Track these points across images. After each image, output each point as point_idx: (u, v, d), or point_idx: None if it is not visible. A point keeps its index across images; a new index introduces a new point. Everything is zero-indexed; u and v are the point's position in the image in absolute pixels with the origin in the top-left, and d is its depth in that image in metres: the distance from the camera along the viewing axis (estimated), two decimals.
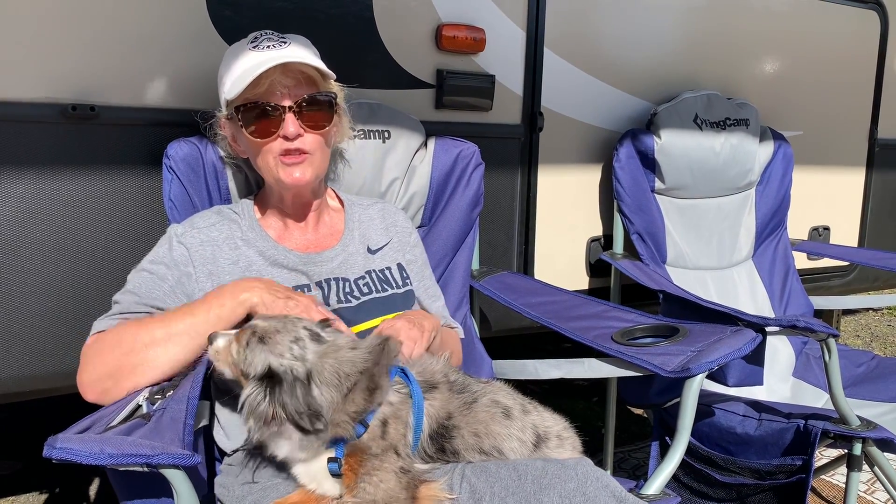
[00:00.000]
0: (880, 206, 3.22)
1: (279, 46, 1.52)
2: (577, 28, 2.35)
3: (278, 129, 1.49)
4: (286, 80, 1.49)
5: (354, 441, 1.21)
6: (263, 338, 1.21)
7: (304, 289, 1.54)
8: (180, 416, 1.18)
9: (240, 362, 1.22)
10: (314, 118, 1.53)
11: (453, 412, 1.32)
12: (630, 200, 2.39)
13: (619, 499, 1.19)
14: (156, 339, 1.35)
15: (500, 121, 2.25)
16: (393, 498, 1.18)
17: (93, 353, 1.38)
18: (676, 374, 1.48)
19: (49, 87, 1.64)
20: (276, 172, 1.53)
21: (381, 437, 1.23)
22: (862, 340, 4.61)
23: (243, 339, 1.23)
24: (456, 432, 1.30)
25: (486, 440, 1.31)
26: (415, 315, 1.55)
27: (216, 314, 1.36)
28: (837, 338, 1.83)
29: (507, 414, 1.35)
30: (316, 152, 1.55)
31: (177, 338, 1.35)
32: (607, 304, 1.90)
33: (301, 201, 1.62)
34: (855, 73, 3.02)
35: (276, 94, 1.49)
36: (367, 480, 1.19)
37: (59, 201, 1.69)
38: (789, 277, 2.70)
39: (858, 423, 1.83)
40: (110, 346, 1.36)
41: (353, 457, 1.22)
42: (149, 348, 1.34)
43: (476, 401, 1.35)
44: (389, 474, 1.20)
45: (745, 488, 1.89)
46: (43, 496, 2.65)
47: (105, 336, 1.39)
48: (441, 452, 1.30)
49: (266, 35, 1.55)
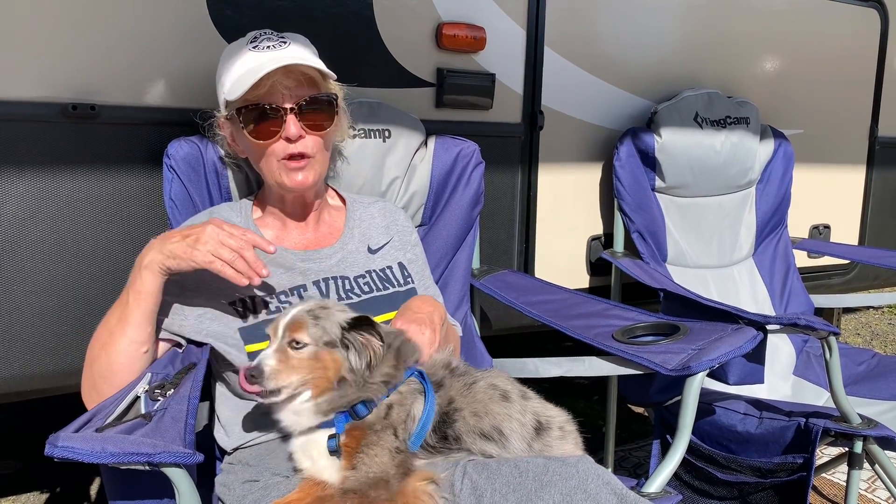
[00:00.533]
0: (881, 204, 3.22)
1: (279, 47, 1.51)
2: (577, 27, 2.35)
3: (280, 131, 1.48)
4: (288, 81, 1.48)
5: (359, 420, 1.26)
6: (324, 306, 1.30)
7: (301, 289, 1.54)
8: (181, 416, 1.18)
9: (319, 337, 1.26)
10: (315, 119, 1.52)
11: (455, 396, 1.34)
12: (630, 199, 2.39)
13: (620, 496, 1.19)
14: (104, 341, 1.37)
15: (500, 119, 2.25)
16: (384, 472, 1.21)
17: (84, 364, 1.41)
18: (677, 373, 1.48)
19: (49, 86, 1.64)
20: (279, 176, 1.52)
21: (384, 418, 1.27)
22: (862, 339, 4.61)
23: (305, 319, 1.27)
24: (457, 415, 1.31)
25: (485, 419, 1.32)
26: (422, 307, 1.53)
27: (135, 291, 1.36)
28: (838, 336, 1.83)
29: (506, 397, 1.35)
30: (317, 154, 1.54)
31: (118, 331, 1.37)
32: (608, 302, 1.90)
33: (302, 202, 1.62)
34: (855, 71, 3.02)
35: (278, 96, 1.48)
36: (365, 452, 1.23)
37: (60, 201, 1.69)
38: (790, 276, 2.69)
39: (859, 421, 1.83)
40: (87, 361, 1.40)
41: (355, 433, 1.25)
42: (104, 350, 1.37)
43: (476, 382, 1.36)
44: (384, 451, 1.24)
45: (746, 486, 1.89)
46: (44, 495, 2.65)
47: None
48: (444, 441, 1.31)
49: (265, 35, 1.54)
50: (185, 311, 1.47)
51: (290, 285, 1.54)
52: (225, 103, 1.53)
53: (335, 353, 1.27)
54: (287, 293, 1.52)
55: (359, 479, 1.21)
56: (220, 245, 1.35)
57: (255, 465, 1.41)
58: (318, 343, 1.27)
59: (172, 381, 1.34)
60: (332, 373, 1.27)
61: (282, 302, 1.51)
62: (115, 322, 1.38)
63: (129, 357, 1.37)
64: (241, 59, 1.51)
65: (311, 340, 1.26)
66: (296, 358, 1.26)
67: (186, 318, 1.47)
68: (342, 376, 1.27)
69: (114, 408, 1.22)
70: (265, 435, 1.47)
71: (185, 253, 1.34)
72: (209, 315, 1.47)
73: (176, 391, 1.29)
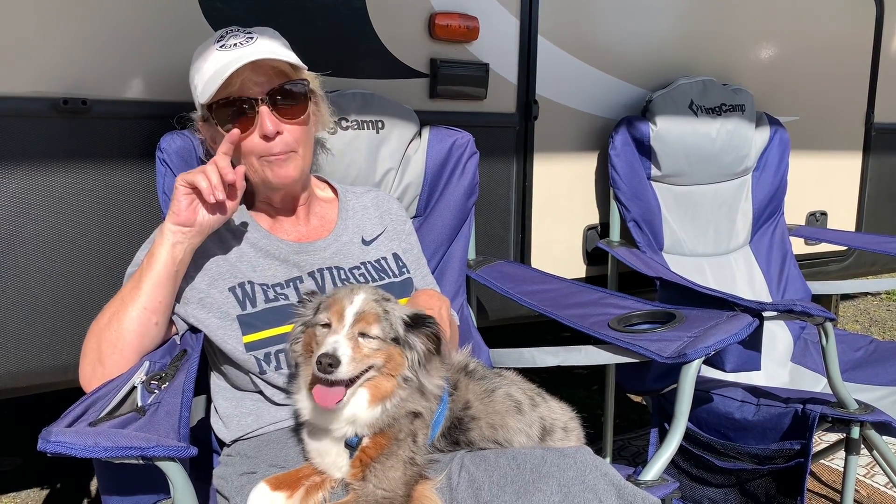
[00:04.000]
0: (877, 190, 3.21)
1: (246, 43, 1.48)
2: (571, 16, 2.34)
3: (253, 126, 1.47)
4: (257, 77, 1.46)
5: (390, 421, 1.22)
6: (385, 297, 1.26)
7: (296, 281, 1.54)
8: (175, 410, 1.18)
9: (388, 333, 1.21)
10: (290, 111, 1.50)
11: (472, 401, 1.32)
12: (626, 188, 2.39)
13: (617, 487, 1.19)
14: (115, 309, 1.38)
15: (494, 109, 2.24)
16: (392, 493, 1.18)
17: (84, 347, 1.39)
18: (673, 360, 1.48)
19: (40, 81, 1.64)
20: (263, 173, 1.51)
21: (410, 423, 1.24)
22: (861, 325, 4.61)
23: (378, 311, 1.21)
24: (473, 424, 1.31)
25: (500, 432, 1.32)
26: (430, 303, 1.53)
27: (149, 255, 1.40)
28: (834, 321, 1.83)
29: (519, 409, 1.35)
30: (299, 146, 1.52)
31: (129, 298, 1.38)
32: (604, 291, 1.90)
33: (290, 196, 1.61)
34: (851, 57, 3.01)
35: (249, 92, 1.46)
36: (381, 462, 1.19)
37: (53, 196, 1.68)
38: (787, 263, 2.69)
39: (857, 406, 1.83)
40: (92, 337, 1.39)
41: (380, 439, 1.21)
42: (115, 317, 1.37)
43: (495, 391, 1.35)
44: (400, 463, 1.20)
45: (743, 473, 1.89)
46: (44, 492, 2.65)
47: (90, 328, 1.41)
48: (455, 445, 1.31)
49: (232, 32, 1.51)
50: (188, 296, 1.47)
51: (286, 277, 1.53)
52: (199, 106, 1.51)
53: (400, 350, 1.22)
54: (283, 284, 1.52)
55: (366, 497, 1.17)
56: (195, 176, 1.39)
57: (254, 456, 1.41)
58: (388, 338, 1.21)
59: (168, 372, 1.33)
60: (399, 369, 1.21)
61: (278, 293, 1.50)
62: (127, 291, 1.39)
63: (141, 325, 1.37)
64: (210, 59, 1.48)
65: (382, 335, 1.20)
66: (367, 348, 1.19)
67: (189, 304, 1.47)
68: (406, 375, 1.22)
69: (110, 398, 1.22)
70: (264, 426, 1.47)
71: (184, 210, 1.39)
72: (208, 300, 1.47)
73: (170, 383, 1.28)
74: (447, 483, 1.23)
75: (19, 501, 2.59)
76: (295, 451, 1.38)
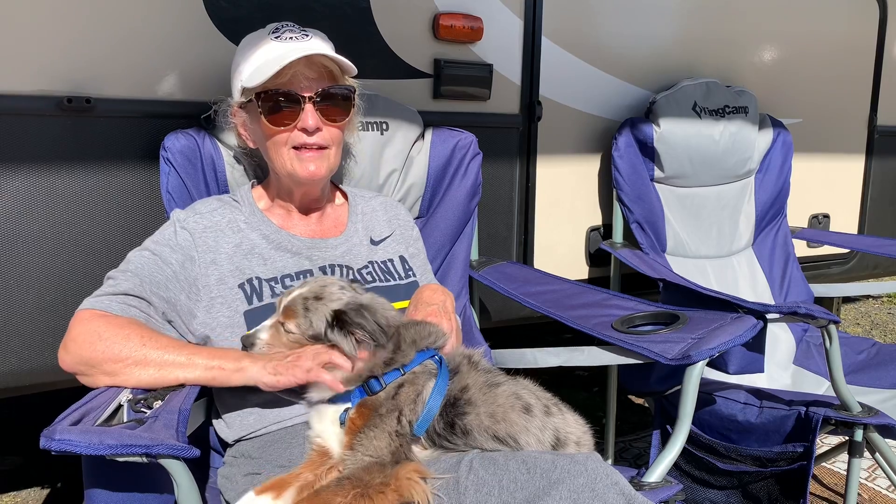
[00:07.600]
0: (880, 193, 3.21)
1: (302, 38, 1.54)
2: (575, 17, 2.34)
3: (296, 120, 1.51)
4: (309, 72, 1.51)
5: (370, 396, 1.30)
6: (318, 296, 1.34)
7: (307, 274, 1.55)
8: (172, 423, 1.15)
9: (305, 329, 1.33)
10: (333, 111, 1.55)
11: (470, 386, 1.33)
12: (629, 189, 2.39)
13: (628, 497, 1.17)
14: (139, 357, 1.31)
15: (498, 110, 2.24)
16: (379, 457, 1.22)
17: (85, 334, 1.32)
18: (677, 362, 1.48)
19: (44, 79, 1.64)
20: (291, 166, 1.54)
21: (392, 398, 1.30)
22: (862, 328, 4.61)
23: (297, 308, 1.33)
24: (470, 408, 1.31)
25: (501, 425, 1.30)
26: (434, 297, 1.55)
27: (218, 364, 1.33)
28: (838, 324, 1.82)
29: (528, 410, 1.34)
30: (333, 146, 1.57)
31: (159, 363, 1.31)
32: (607, 292, 1.90)
33: (310, 197, 1.63)
34: (854, 60, 3.01)
35: (298, 85, 1.50)
36: (365, 433, 1.25)
37: (56, 195, 1.68)
38: (789, 265, 2.69)
39: (859, 409, 1.83)
40: (105, 341, 1.31)
41: (362, 410, 1.28)
42: (132, 367, 1.30)
43: (499, 385, 1.35)
44: (384, 433, 1.25)
45: (746, 476, 1.89)
46: (44, 491, 2.65)
47: (105, 325, 1.33)
48: (450, 429, 1.30)
49: (287, 26, 1.56)
50: (195, 309, 1.47)
51: (297, 269, 1.55)
52: (241, 90, 1.54)
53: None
54: (292, 276, 1.54)
55: (354, 463, 1.23)
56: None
57: (258, 457, 1.41)
58: (305, 335, 1.34)
59: (157, 394, 1.28)
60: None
61: (286, 286, 1.51)
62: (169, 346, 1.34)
63: (149, 376, 1.32)
64: (263, 47, 1.53)
65: (298, 331, 1.34)
66: (286, 338, 1.36)
67: (196, 317, 1.47)
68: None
69: (101, 411, 1.20)
70: (267, 425, 1.46)
71: (286, 369, 1.30)
72: (219, 300, 1.47)
73: (165, 404, 1.24)
74: (455, 485, 1.20)
75: (19, 501, 2.59)
76: (300, 450, 1.37)
